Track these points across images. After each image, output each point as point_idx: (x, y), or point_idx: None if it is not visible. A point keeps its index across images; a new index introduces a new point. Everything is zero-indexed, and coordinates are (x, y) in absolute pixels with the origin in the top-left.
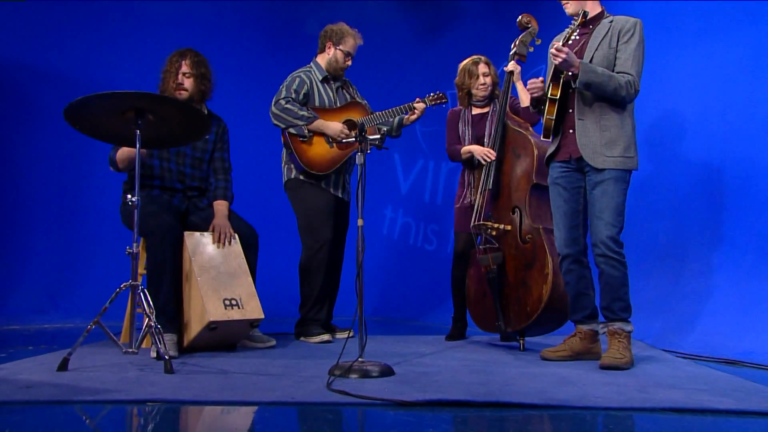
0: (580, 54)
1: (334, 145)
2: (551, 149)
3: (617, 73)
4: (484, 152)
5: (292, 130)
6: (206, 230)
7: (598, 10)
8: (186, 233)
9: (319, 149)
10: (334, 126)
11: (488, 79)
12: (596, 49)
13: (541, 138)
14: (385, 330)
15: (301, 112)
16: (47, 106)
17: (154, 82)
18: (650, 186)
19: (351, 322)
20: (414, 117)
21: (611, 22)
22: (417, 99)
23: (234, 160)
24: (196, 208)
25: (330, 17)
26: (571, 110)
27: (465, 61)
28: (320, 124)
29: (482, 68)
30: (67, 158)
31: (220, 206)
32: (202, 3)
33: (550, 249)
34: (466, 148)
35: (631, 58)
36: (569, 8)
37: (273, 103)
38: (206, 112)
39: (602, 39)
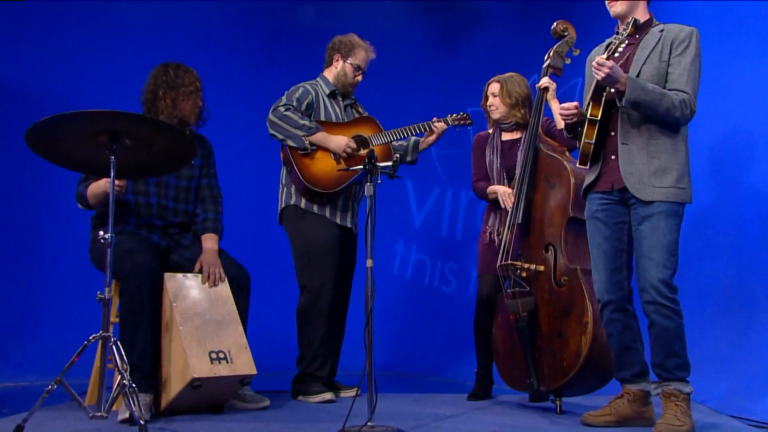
0: (624, 68)
1: (341, 160)
2: (590, 178)
3: (670, 90)
4: (506, 194)
5: (291, 143)
6: (190, 271)
7: (647, 17)
8: (166, 275)
9: (324, 165)
10: (338, 140)
11: (497, 101)
12: (644, 63)
13: (578, 165)
14: (398, 387)
15: (302, 122)
16: (4, 127)
17: (131, 99)
18: (709, 220)
19: (358, 378)
20: (432, 138)
21: (662, 31)
22: (435, 118)
23: (220, 187)
24: (179, 246)
25: (334, 25)
26: (613, 133)
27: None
28: (323, 136)
29: (492, 88)
30: (27, 187)
31: (210, 241)
32: (184, 8)
33: (590, 294)
34: (492, 188)
35: (686, 74)
36: (617, 7)
37: (271, 110)
38: (188, 132)
39: (651, 51)
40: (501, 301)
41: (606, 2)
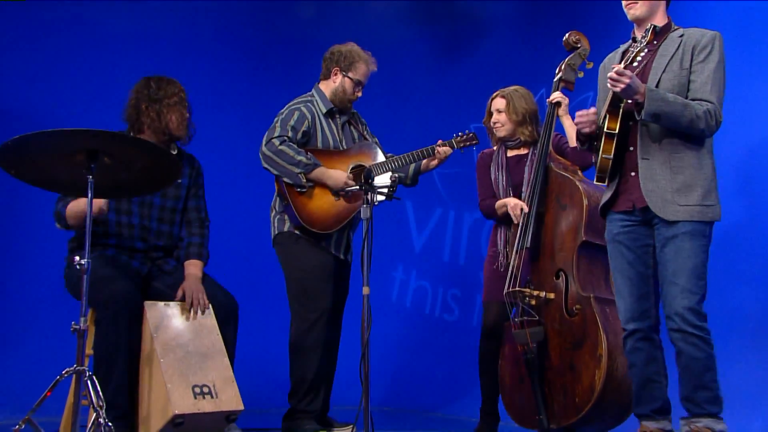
0: (642, 77)
1: (341, 197)
2: (607, 196)
3: (692, 100)
4: (519, 207)
5: (286, 180)
6: (172, 299)
7: (665, 21)
8: (147, 303)
9: (322, 202)
10: (337, 176)
11: (501, 117)
12: (664, 71)
13: (595, 181)
14: (397, 424)
15: (299, 158)
16: None
17: (114, 115)
18: (739, 239)
19: (354, 414)
20: (435, 163)
21: (681, 36)
22: (440, 142)
23: (208, 210)
24: (161, 272)
25: (330, 35)
26: (632, 148)
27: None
28: (321, 173)
29: (496, 104)
30: None
31: (193, 267)
32: (170, 18)
33: (604, 324)
34: (501, 202)
35: (709, 82)
36: (637, 10)
37: (264, 141)
38: (176, 151)
39: (671, 58)
40: (508, 331)
41: (624, 4)
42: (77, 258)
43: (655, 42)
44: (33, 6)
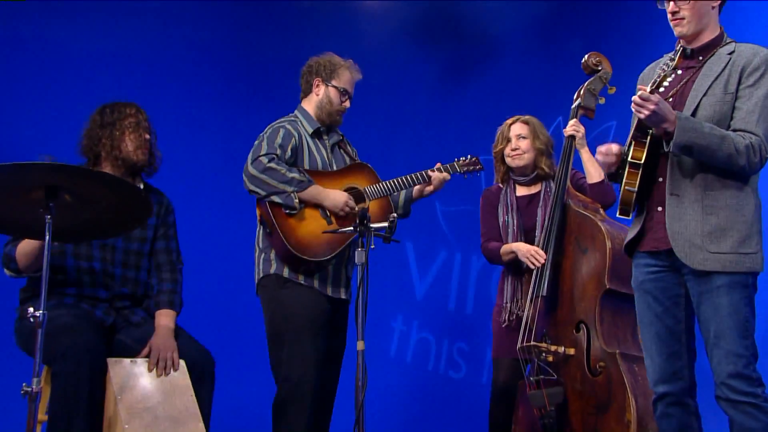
0: (680, 98)
1: (333, 219)
2: (633, 233)
3: (734, 131)
4: (530, 252)
5: (276, 199)
6: (140, 355)
7: (716, 32)
8: (110, 360)
9: (313, 226)
10: (336, 196)
11: (523, 144)
12: (705, 94)
13: (618, 214)
14: None
15: (291, 174)
16: None
17: (75, 148)
18: None
19: None
20: (430, 189)
21: (731, 53)
22: (438, 165)
23: (180, 251)
24: (128, 323)
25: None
26: (661, 179)
27: (503, 124)
28: (317, 192)
29: (517, 129)
30: None
31: (164, 318)
32: (140, 38)
33: (632, 385)
34: (507, 247)
35: (757, 111)
36: (684, 27)
37: (250, 161)
38: (142, 185)
39: (716, 79)
40: (522, 391)
41: (670, 21)
42: (31, 309)
43: (700, 57)
44: None
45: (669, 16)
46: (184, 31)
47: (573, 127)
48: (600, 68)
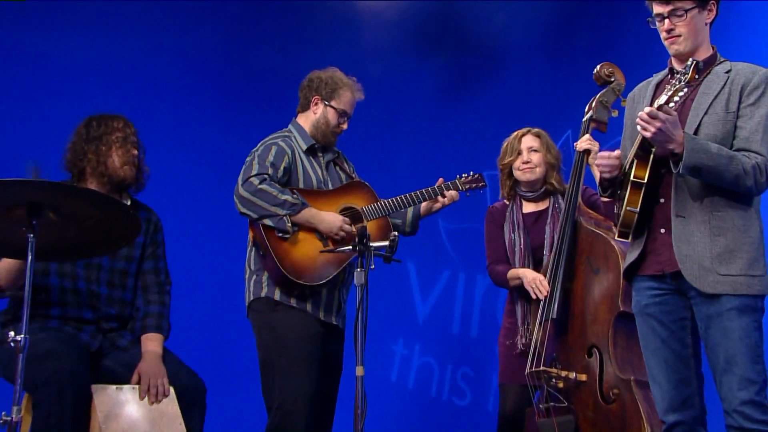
0: (679, 117)
1: (330, 243)
2: (632, 256)
3: (738, 150)
4: (535, 282)
5: (268, 222)
6: (127, 381)
7: (710, 51)
8: (95, 387)
9: (308, 249)
10: (331, 219)
11: (535, 157)
12: (706, 113)
13: (617, 237)
14: None
15: (284, 197)
16: None
17: (57, 161)
18: None
19: None
20: (439, 206)
21: (728, 72)
22: (440, 180)
23: (169, 271)
24: (114, 348)
25: (320, 67)
26: (663, 200)
27: (510, 136)
28: (311, 215)
29: (528, 141)
30: None
31: (152, 343)
32: (129, 49)
33: (648, 413)
34: (514, 273)
35: (760, 130)
36: (680, 45)
37: (240, 182)
38: (129, 201)
39: (716, 97)
40: (530, 419)
41: (664, 40)
42: (11, 333)
43: (697, 76)
44: None
45: (663, 35)
46: (174, 39)
47: (588, 141)
48: (613, 79)
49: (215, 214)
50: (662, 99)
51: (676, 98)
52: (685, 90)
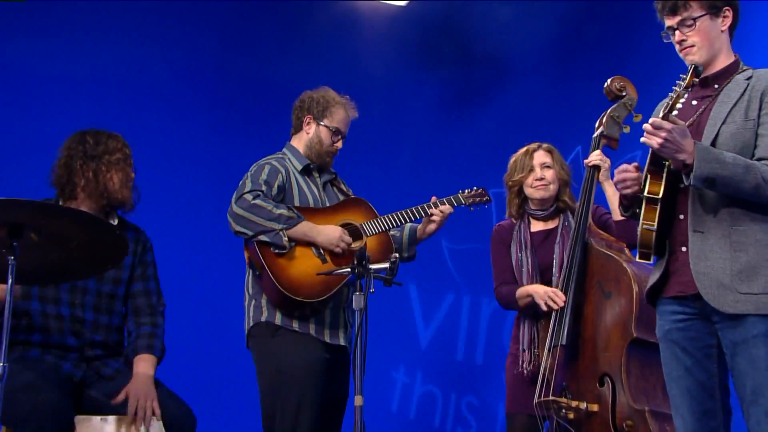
0: (697, 128)
1: (328, 257)
2: (654, 277)
3: (759, 159)
4: (548, 294)
5: (263, 238)
6: (112, 412)
7: (731, 59)
8: (78, 419)
9: (306, 264)
10: (329, 231)
11: (549, 174)
12: (724, 122)
13: (637, 258)
14: None
15: (279, 211)
16: None
17: (43, 181)
18: None
19: None
20: (433, 227)
21: (749, 79)
22: (434, 198)
23: (162, 293)
24: (99, 377)
25: (317, 83)
26: (682, 216)
27: (518, 151)
28: (308, 228)
29: (540, 157)
30: None
31: (143, 364)
32: (116, 62)
33: None
34: (524, 290)
35: None
36: (695, 55)
37: (234, 199)
38: (116, 220)
39: (734, 105)
40: None
41: (679, 52)
42: None
43: (716, 85)
44: None
45: (677, 47)
46: (164, 52)
47: (599, 157)
48: (624, 93)
49: (210, 235)
50: (667, 108)
51: (678, 105)
52: (693, 94)
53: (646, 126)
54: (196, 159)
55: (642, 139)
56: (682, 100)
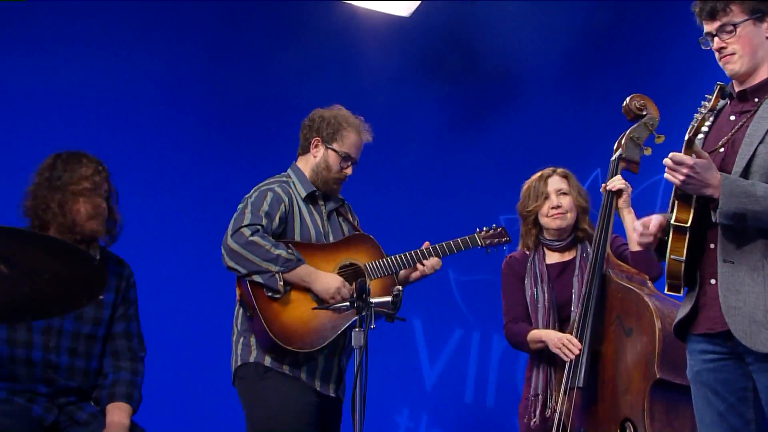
0: (732, 147)
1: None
2: (684, 311)
3: None
4: (562, 342)
5: (257, 278)
6: None
7: None
8: None
9: (300, 311)
10: (328, 281)
11: (566, 201)
12: (762, 140)
13: (666, 291)
14: None
15: (277, 251)
16: None
17: (15, 206)
18: None
19: None
20: (417, 275)
21: None
22: (426, 244)
23: (143, 336)
24: (72, 422)
25: (318, 99)
26: (713, 245)
27: (532, 177)
28: (306, 272)
29: (555, 183)
30: None
31: (118, 413)
32: (100, 77)
33: None
34: (536, 335)
35: None
36: (735, 64)
37: (230, 232)
38: (98, 253)
39: None
40: None
41: (718, 59)
42: None
43: (756, 99)
44: None
45: (717, 54)
46: (152, 66)
47: (621, 181)
48: (645, 113)
49: (198, 268)
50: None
51: (703, 129)
52: (711, 119)
53: (667, 161)
54: (184, 183)
55: (665, 175)
56: (707, 123)
